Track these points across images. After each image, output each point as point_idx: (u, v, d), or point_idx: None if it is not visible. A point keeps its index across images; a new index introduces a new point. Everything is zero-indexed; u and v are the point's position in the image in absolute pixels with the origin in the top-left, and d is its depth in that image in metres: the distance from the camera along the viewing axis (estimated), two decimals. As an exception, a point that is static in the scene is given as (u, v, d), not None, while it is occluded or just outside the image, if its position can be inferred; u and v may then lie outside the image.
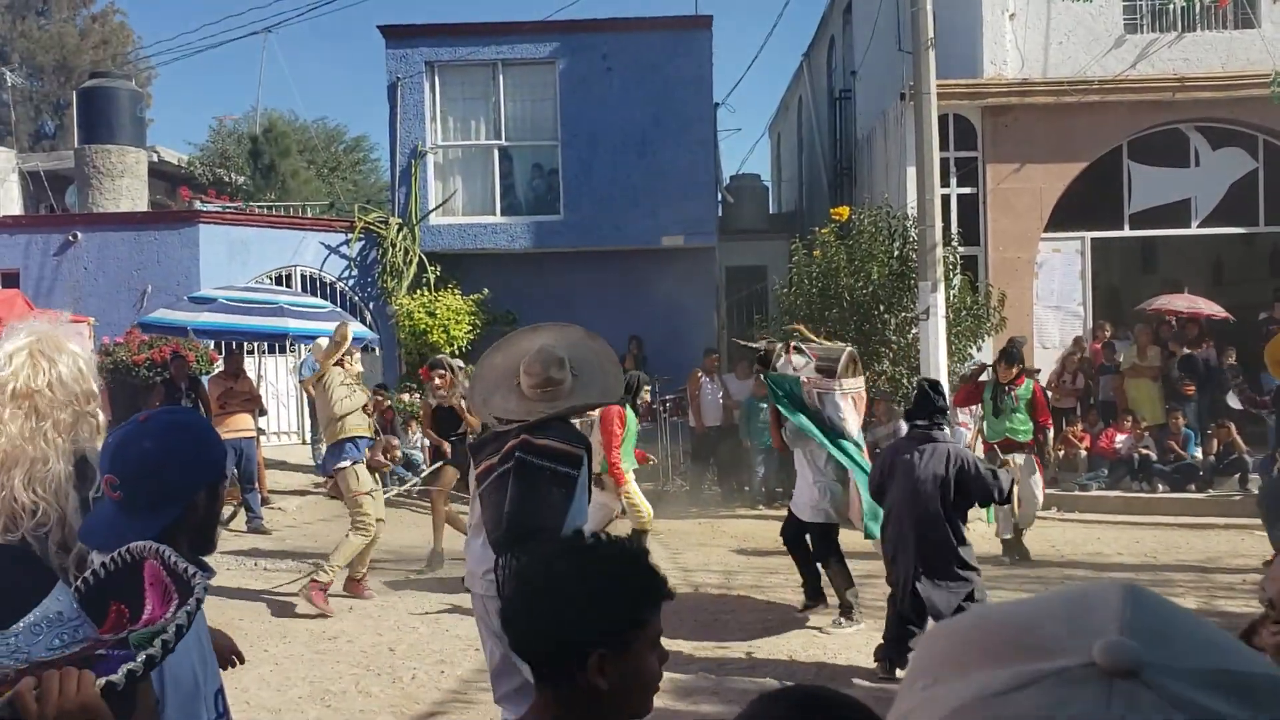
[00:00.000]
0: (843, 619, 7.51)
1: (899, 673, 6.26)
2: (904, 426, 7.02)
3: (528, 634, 1.87)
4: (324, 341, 9.01)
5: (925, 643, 0.64)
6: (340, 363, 8.76)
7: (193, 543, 2.04)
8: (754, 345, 8.84)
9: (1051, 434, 11.05)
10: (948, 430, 6.70)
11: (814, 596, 7.84)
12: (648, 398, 8.18)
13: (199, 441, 2.10)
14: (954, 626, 0.64)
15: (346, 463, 8.51)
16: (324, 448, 9.15)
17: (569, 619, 1.83)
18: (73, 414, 2.54)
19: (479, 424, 7.97)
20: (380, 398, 14.08)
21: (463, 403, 9.60)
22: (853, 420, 7.61)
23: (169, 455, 2.01)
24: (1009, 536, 9.73)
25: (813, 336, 8.80)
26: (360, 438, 8.66)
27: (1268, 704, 0.53)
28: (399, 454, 9.06)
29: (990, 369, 10.34)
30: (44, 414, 2.49)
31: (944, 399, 6.55)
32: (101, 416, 2.63)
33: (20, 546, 1.84)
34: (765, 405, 13.37)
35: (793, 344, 8.03)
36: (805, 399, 7.54)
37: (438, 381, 9.90)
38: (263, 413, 12.66)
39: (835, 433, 7.48)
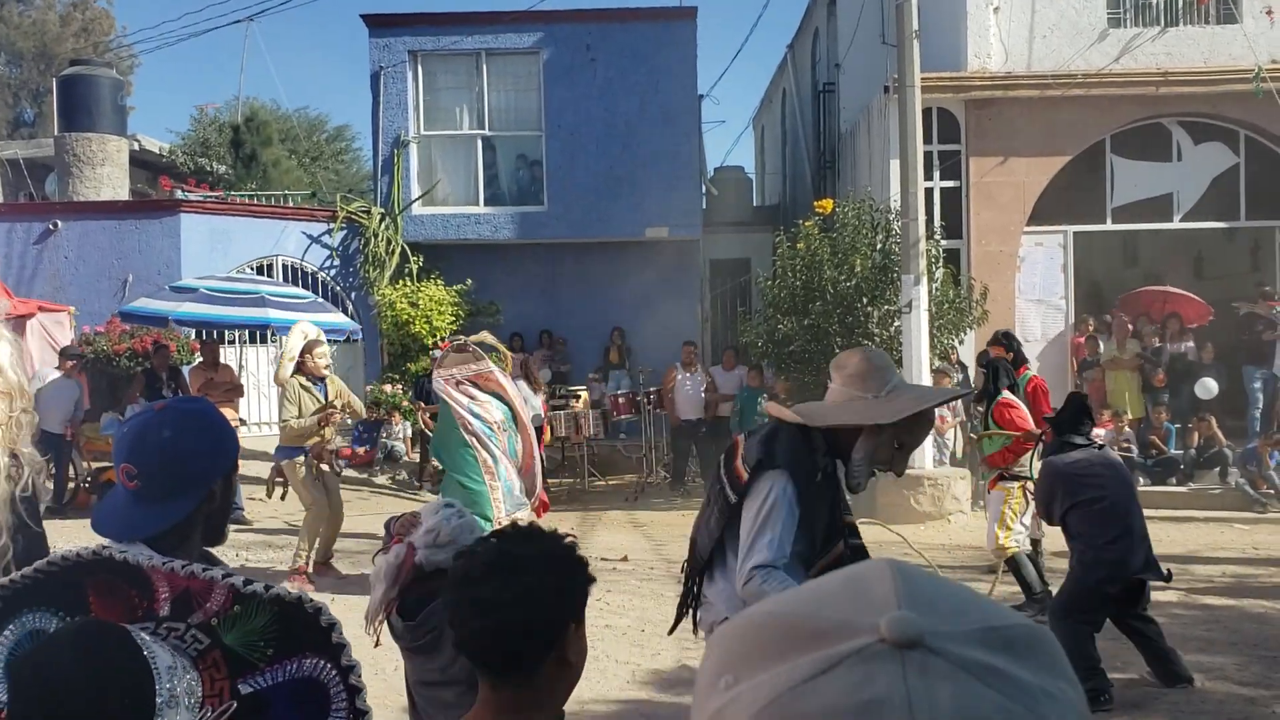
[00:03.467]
0: None
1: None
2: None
3: (526, 624, 1.72)
4: (292, 346, 9.17)
5: (719, 640, 0.67)
6: (301, 368, 8.77)
7: (205, 534, 2.00)
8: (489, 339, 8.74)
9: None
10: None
11: None
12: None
13: (217, 431, 2.04)
14: (747, 621, 0.66)
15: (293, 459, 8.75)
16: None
17: (570, 598, 1.78)
18: (9, 405, 2.30)
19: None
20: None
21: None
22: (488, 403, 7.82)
23: (190, 444, 1.94)
24: (1040, 535, 9.21)
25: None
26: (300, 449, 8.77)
27: (1026, 652, 0.61)
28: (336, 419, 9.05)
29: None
30: None
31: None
32: (33, 415, 2.37)
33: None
34: (763, 396, 13.44)
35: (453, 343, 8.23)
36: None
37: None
38: (240, 394, 12.56)
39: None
